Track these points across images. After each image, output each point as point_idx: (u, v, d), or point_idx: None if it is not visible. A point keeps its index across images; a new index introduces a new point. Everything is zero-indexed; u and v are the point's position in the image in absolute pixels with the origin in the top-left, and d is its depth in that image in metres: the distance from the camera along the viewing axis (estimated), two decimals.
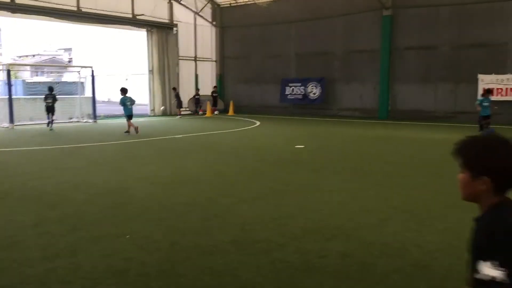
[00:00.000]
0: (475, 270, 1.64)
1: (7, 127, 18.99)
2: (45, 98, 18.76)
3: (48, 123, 18.72)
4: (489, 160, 1.75)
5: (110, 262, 4.51)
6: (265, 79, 27.91)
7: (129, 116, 16.84)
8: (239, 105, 27.87)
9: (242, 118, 23.83)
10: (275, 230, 5.52)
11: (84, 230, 5.53)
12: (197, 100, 27.05)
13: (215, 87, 28.65)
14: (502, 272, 1.58)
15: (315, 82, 25.46)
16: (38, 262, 4.52)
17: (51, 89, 19.42)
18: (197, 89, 27.40)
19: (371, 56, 23.43)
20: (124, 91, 17.13)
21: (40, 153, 12.21)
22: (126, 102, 16.94)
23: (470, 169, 1.80)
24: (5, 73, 20.41)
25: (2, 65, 23.11)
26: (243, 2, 28.05)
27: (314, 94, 25.59)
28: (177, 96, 25.06)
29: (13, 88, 21.75)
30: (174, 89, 25.54)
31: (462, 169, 1.83)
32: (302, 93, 25.98)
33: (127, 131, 16.58)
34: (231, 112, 27.28)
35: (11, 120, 19.20)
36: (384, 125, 19.78)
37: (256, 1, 27.08)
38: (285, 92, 26.76)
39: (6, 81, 20.20)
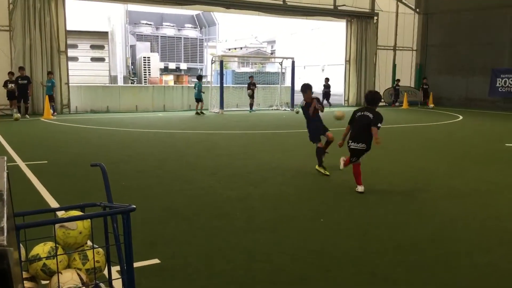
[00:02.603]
0: None
1: (217, 113, 21.24)
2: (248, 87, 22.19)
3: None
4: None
5: (306, 242, 4.73)
6: (472, 70, 25.48)
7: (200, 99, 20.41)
8: (438, 97, 26.10)
9: (444, 112, 22.28)
10: (478, 231, 5.08)
11: (283, 209, 5.92)
12: (396, 91, 26.35)
13: (424, 78, 27.29)
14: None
15: None
16: (243, 232, 5.00)
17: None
18: (397, 80, 26.61)
19: None
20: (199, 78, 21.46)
21: (243, 137, 13.38)
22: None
23: None
24: (218, 64, 22.78)
25: (216, 56, 25.83)
26: None
27: None
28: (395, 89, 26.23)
29: (224, 78, 24.19)
30: (398, 80, 26.51)
31: None
32: None
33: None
34: (430, 104, 25.81)
35: (221, 106, 21.41)
36: None
37: None
38: (495, 84, 24.03)
39: (219, 71, 22.60)
